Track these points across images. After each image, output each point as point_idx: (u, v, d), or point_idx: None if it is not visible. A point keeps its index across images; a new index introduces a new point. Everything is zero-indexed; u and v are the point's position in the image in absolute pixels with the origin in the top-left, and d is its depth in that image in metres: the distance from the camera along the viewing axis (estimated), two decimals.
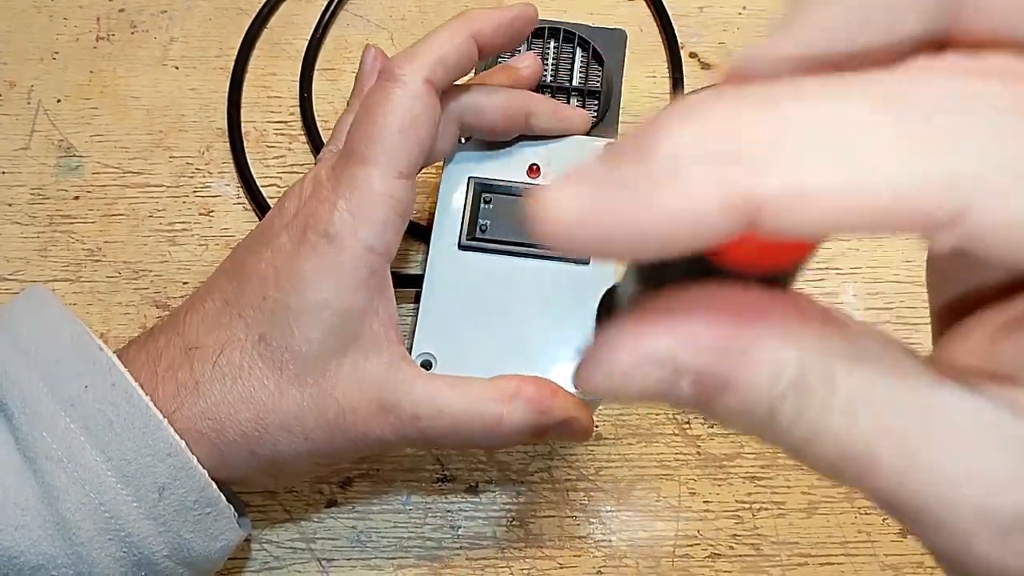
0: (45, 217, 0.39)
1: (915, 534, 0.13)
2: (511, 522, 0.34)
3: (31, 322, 0.27)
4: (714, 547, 0.34)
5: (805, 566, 0.33)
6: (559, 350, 0.31)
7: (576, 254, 0.12)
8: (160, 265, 0.39)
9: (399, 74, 0.28)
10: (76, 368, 0.26)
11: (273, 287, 0.27)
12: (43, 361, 0.26)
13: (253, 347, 0.27)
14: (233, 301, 0.28)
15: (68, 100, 0.42)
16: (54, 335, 0.27)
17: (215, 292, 0.28)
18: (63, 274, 0.38)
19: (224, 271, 0.29)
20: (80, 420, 0.25)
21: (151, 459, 0.25)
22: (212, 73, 0.43)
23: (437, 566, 0.33)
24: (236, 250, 0.30)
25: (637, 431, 0.35)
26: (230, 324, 0.27)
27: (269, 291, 0.27)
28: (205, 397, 0.26)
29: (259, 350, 0.27)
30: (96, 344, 0.26)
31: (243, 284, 0.28)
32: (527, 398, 0.28)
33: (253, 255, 0.28)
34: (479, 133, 0.34)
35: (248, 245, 0.29)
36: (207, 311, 0.28)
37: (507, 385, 0.29)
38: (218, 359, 0.27)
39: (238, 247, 0.30)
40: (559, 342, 0.31)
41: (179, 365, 0.27)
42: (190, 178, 0.40)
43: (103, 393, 0.25)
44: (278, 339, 0.27)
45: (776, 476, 0.35)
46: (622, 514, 0.34)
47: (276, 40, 0.44)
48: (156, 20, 0.44)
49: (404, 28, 0.44)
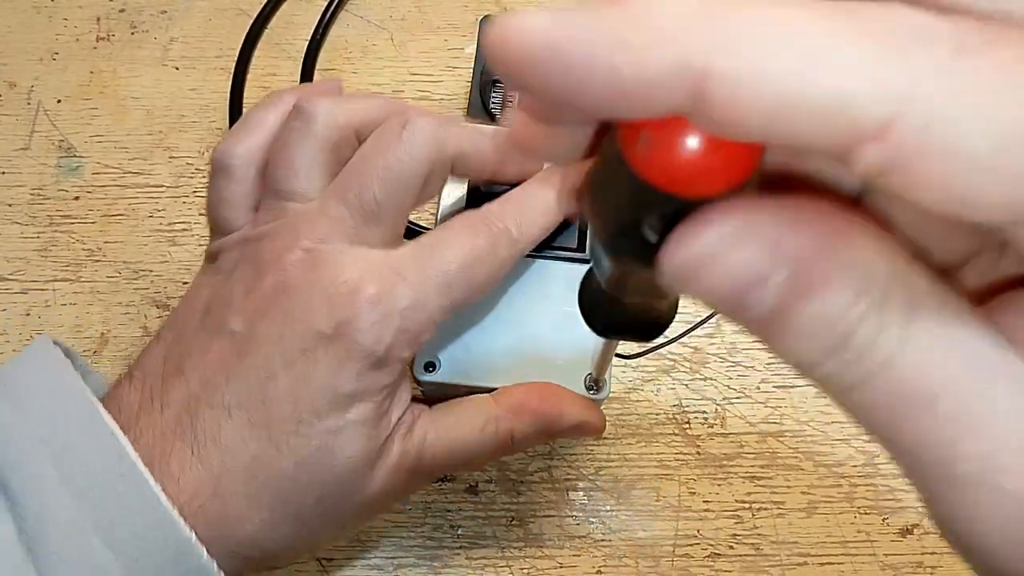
0: (45, 217, 0.39)
1: (926, 491, 0.13)
2: (511, 522, 0.34)
3: (42, 396, 0.25)
4: (714, 547, 0.34)
5: (804, 566, 0.33)
6: (563, 351, 0.31)
7: (528, 88, 0.11)
8: (160, 265, 0.39)
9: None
10: (87, 455, 0.24)
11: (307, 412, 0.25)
12: (53, 443, 0.24)
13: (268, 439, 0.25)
14: (259, 422, 0.25)
15: (68, 100, 0.42)
16: (65, 412, 0.25)
17: (230, 389, 0.25)
18: (63, 274, 0.38)
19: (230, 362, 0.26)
20: (89, 513, 0.23)
21: (161, 557, 0.23)
22: (212, 73, 0.43)
23: (437, 566, 0.33)
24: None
25: (637, 431, 0.35)
26: (257, 443, 0.25)
27: (303, 415, 0.25)
28: (223, 497, 0.25)
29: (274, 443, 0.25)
30: (108, 428, 0.24)
31: (271, 407, 0.25)
32: (533, 410, 0.29)
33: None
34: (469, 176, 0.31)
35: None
36: (222, 415, 0.25)
37: (513, 399, 0.29)
38: (238, 464, 0.25)
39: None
40: (563, 342, 0.31)
41: (193, 467, 0.25)
42: (190, 178, 0.40)
43: (113, 485, 0.23)
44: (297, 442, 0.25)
45: (776, 476, 0.35)
46: (622, 514, 0.34)
47: (276, 40, 0.44)
48: (156, 20, 0.44)
49: (404, 28, 0.44)
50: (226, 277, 0.27)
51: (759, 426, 0.36)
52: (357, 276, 0.25)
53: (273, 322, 0.25)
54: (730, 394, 0.36)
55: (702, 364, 0.37)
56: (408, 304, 0.25)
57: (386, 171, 0.26)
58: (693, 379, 0.37)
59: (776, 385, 0.36)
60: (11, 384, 0.25)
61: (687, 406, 0.36)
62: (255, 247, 0.27)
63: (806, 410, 0.36)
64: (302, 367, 0.25)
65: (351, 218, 0.26)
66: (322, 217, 0.26)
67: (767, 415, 0.36)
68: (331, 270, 0.25)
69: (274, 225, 0.27)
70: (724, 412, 0.36)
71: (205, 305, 0.27)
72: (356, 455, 0.26)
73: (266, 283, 0.26)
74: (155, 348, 0.27)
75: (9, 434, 0.24)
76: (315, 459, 0.25)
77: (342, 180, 0.27)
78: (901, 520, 0.34)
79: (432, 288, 0.26)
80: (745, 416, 0.36)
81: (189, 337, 0.26)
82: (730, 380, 0.36)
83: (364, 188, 0.26)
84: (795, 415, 0.36)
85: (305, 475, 0.25)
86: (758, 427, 0.36)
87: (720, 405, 0.36)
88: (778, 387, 0.36)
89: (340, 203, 0.26)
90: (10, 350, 0.37)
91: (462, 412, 0.29)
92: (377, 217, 0.26)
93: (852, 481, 0.35)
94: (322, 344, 0.25)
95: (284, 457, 0.25)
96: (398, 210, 0.27)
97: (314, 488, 0.25)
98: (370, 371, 0.25)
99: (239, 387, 0.25)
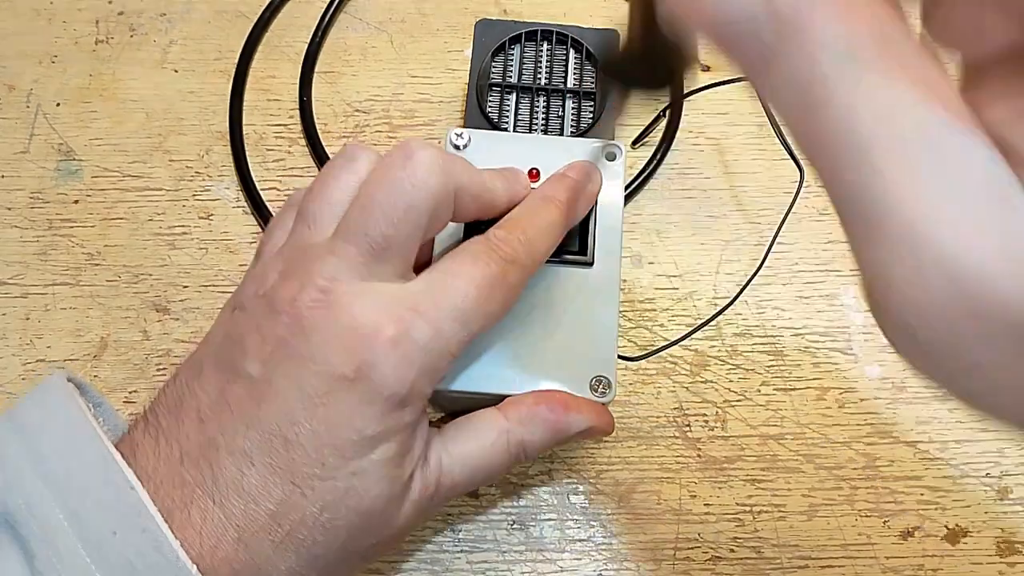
0: (45, 221, 0.39)
1: (856, 245, 0.15)
2: (512, 525, 0.34)
3: (58, 441, 0.24)
4: (715, 550, 0.34)
5: (806, 569, 0.33)
6: (568, 355, 0.31)
7: None
8: (160, 269, 0.39)
9: None
10: (105, 506, 0.23)
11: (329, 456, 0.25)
12: (70, 492, 0.23)
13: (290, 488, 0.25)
14: (282, 467, 0.25)
15: (67, 103, 0.42)
16: (82, 460, 0.24)
17: (250, 435, 0.25)
18: (63, 278, 0.38)
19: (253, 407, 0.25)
20: (105, 567, 0.22)
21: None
22: (211, 76, 0.43)
23: (438, 569, 0.33)
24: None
25: (638, 434, 0.35)
26: (281, 489, 0.25)
27: (327, 459, 0.25)
28: (247, 546, 0.24)
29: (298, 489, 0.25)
30: (127, 480, 0.23)
31: (295, 452, 0.25)
32: (543, 418, 0.29)
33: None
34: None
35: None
36: (243, 462, 0.25)
37: (521, 410, 0.29)
38: (260, 515, 0.24)
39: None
40: (568, 347, 0.31)
41: (214, 516, 0.24)
42: (189, 181, 0.40)
43: (131, 539, 0.23)
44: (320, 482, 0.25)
45: (776, 479, 0.35)
46: (623, 517, 0.34)
47: (276, 43, 0.44)
48: (155, 23, 0.44)
49: (403, 30, 0.44)
50: (241, 318, 0.27)
51: (760, 429, 0.36)
52: (375, 317, 0.25)
53: (290, 366, 0.25)
54: (731, 397, 0.36)
55: (703, 367, 0.37)
56: (427, 341, 0.25)
57: (392, 207, 0.26)
58: (694, 382, 0.36)
59: (777, 388, 0.36)
60: (27, 426, 0.25)
61: (688, 409, 0.36)
62: (270, 289, 0.27)
63: (807, 413, 0.36)
64: (324, 411, 0.25)
65: (361, 255, 0.26)
66: (331, 256, 0.26)
67: (768, 418, 0.36)
68: (347, 311, 0.25)
69: (286, 266, 0.27)
70: (725, 415, 0.36)
71: (220, 346, 0.27)
72: (382, 494, 0.26)
73: (281, 325, 0.25)
74: (172, 390, 0.27)
75: (23, 478, 0.24)
76: (342, 502, 0.25)
77: (350, 218, 0.26)
78: (902, 523, 0.34)
79: (448, 323, 0.26)
80: (746, 419, 0.36)
81: (206, 380, 0.26)
82: (731, 383, 0.36)
83: (372, 225, 0.26)
84: (796, 418, 0.36)
85: (331, 518, 0.25)
86: (759, 430, 0.36)
87: (721, 408, 0.36)
88: (779, 390, 0.36)
89: (349, 242, 0.26)
90: (9, 354, 0.37)
91: (472, 430, 0.29)
92: (387, 253, 0.26)
93: (853, 484, 0.35)
94: (344, 387, 0.25)
95: (310, 502, 0.25)
96: (407, 243, 0.26)
97: (340, 531, 0.25)
98: (394, 411, 0.25)
99: (259, 433, 0.25)
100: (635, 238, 0.39)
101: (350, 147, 0.29)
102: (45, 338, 0.37)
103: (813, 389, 0.36)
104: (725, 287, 0.38)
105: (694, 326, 0.36)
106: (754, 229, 0.39)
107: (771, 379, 0.37)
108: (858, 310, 0.38)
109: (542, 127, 0.38)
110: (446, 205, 0.27)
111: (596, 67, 0.39)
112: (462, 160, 0.29)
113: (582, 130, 0.38)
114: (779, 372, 0.37)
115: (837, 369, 0.37)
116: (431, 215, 0.26)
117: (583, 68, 0.39)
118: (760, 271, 0.37)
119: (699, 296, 0.38)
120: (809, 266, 0.39)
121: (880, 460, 0.35)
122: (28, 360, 0.37)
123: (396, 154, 0.26)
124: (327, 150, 0.41)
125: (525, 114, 0.38)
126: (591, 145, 0.34)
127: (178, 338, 0.37)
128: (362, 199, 0.26)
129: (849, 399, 0.36)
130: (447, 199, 0.27)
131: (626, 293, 0.38)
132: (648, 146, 0.41)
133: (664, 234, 0.39)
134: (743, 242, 0.39)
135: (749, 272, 0.37)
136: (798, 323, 0.38)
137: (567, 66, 0.39)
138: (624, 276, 0.38)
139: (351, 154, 0.28)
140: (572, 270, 0.32)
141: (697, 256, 0.39)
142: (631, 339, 0.37)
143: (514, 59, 0.39)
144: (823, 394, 0.36)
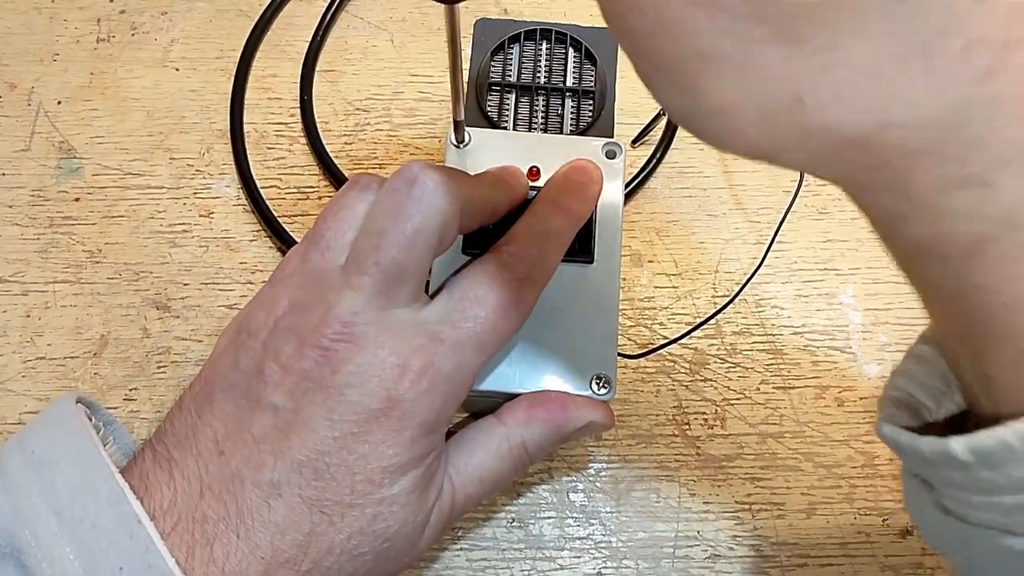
0: (45, 219, 0.40)
1: (650, 74, 0.17)
2: (511, 523, 0.34)
3: (68, 472, 0.24)
4: (714, 548, 0.34)
5: (805, 567, 0.33)
6: (568, 353, 0.31)
7: None
8: (160, 267, 0.39)
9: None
10: (113, 541, 0.23)
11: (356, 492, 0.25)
12: (78, 524, 0.23)
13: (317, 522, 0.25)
14: (312, 498, 0.25)
15: (69, 102, 0.42)
16: (91, 490, 0.24)
17: (279, 467, 0.25)
18: (63, 276, 0.38)
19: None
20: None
21: None
22: (212, 75, 0.43)
23: (438, 567, 0.33)
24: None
25: (637, 432, 0.36)
26: (310, 519, 0.25)
27: (357, 487, 0.25)
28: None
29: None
30: (135, 514, 0.23)
31: (325, 482, 0.25)
32: (541, 418, 0.29)
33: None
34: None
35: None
36: (271, 493, 0.25)
37: (519, 413, 0.30)
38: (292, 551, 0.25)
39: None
40: (568, 344, 0.31)
41: (238, 551, 0.24)
42: (190, 179, 0.40)
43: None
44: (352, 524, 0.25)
45: (775, 477, 0.35)
46: (622, 515, 0.34)
47: (277, 42, 0.44)
48: (156, 22, 0.44)
49: (404, 30, 0.44)
50: (252, 344, 0.27)
51: (759, 427, 0.36)
52: (400, 350, 0.26)
53: (319, 397, 0.25)
54: (730, 395, 0.36)
55: (702, 365, 0.37)
56: (451, 371, 0.26)
57: (401, 234, 0.26)
58: (693, 380, 0.37)
59: (776, 386, 0.36)
60: (38, 455, 0.25)
61: (687, 407, 0.36)
62: (282, 316, 0.27)
63: (806, 411, 0.36)
64: (355, 442, 0.25)
65: (376, 285, 0.26)
66: (348, 290, 0.26)
67: (767, 416, 0.36)
68: (372, 344, 0.25)
69: (299, 293, 0.27)
70: (724, 413, 0.36)
71: (232, 374, 0.26)
72: (408, 520, 0.26)
73: (306, 358, 0.25)
74: (180, 419, 0.26)
75: (33, 511, 0.24)
76: (370, 529, 0.25)
77: (361, 247, 0.26)
78: (901, 521, 0.34)
79: (470, 349, 0.27)
80: (745, 417, 0.36)
81: (220, 409, 0.26)
82: (730, 381, 0.37)
83: (383, 253, 0.26)
84: (795, 416, 0.36)
85: (358, 545, 0.25)
86: (758, 428, 0.36)
87: (720, 406, 0.36)
88: (778, 388, 0.36)
89: (364, 272, 0.26)
90: (10, 352, 0.37)
91: (474, 442, 0.29)
92: (400, 278, 0.26)
93: (852, 482, 0.35)
94: (374, 418, 0.25)
95: (338, 530, 0.25)
96: (419, 266, 0.26)
97: (366, 557, 0.26)
98: (423, 438, 0.26)
99: (288, 464, 0.25)
100: (635, 237, 0.39)
101: (362, 177, 0.29)
102: (46, 335, 0.37)
103: (812, 387, 0.36)
104: (724, 286, 0.38)
105: (693, 324, 0.36)
106: (753, 228, 0.40)
107: (770, 377, 0.37)
108: (857, 309, 0.38)
109: (542, 126, 0.38)
110: (453, 224, 0.27)
111: (595, 66, 0.39)
112: (462, 175, 0.29)
113: (582, 129, 0.38)
114: (778, 370, 0.37)
115: (836, 367, 0.37)
116: (439, 236, 0.26)
117: (583, 67, 0.39)
118: (759, 270, 0.37)
119: (698, 295, 0.38)
120: (808, 265, 0.39)
121: (879, 458, 0.35)
122: (28, 357, 0.37)
123: (399, 180, 0.26)
124: (328, 149, 0.41)
125: (525, 113, 0.38)
126: (591, 144, 0.34)
127: (178, 336, 0.37)
128: (370, 227, 0.26)
129: (848, 397, 0.36)
130: (453, 218, 0.27)
131: (626, 291, 0.38)
132: (648, 145, 0.41)
133: (664, 233, 0.39)
134: (742, 241, 0.39)
135: (748, 271, 0.37)
136: (797, 321, 0.38)
137: (567, 65, 0.39)
138: (624, 274, 0.38)
139: (364, 183, 0.28)
140: (573, 268, 0.32)
141: (696, 255, 0.39)
142: (631, 337, 0.37)
143: (514, 58, 0.39)
144: (822, 392, 0.36)
